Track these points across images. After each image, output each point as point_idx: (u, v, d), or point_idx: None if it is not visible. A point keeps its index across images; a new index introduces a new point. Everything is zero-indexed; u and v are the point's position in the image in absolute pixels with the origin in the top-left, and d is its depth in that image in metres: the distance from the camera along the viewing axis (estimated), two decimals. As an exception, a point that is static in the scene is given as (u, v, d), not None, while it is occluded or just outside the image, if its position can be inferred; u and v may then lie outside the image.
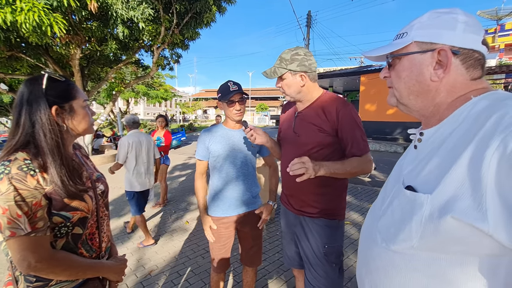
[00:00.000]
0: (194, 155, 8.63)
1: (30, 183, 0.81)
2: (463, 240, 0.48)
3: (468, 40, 0.57)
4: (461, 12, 0.59)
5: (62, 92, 0.92)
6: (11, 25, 4.97)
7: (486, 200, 0.44)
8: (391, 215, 0.61)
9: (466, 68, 0.58)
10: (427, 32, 0.60)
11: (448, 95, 0.59)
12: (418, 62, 0.61)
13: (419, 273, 0.54)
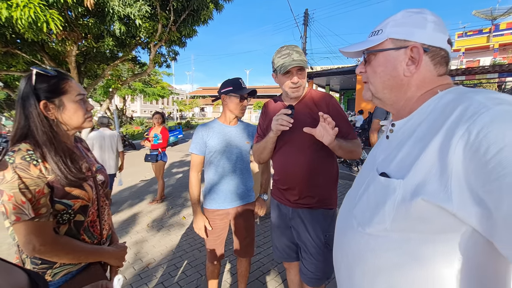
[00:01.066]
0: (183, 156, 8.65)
1: (33, 172, 0.86)
2: (431, 220, 0.53)
3: (437, 38, 0.62)
4: (430, 13, 0.64)
5: (51, 87, 0.94)
6: (7, 21, 4.95)
7: (451, 183, 0.49)
8: (366, 201, 0.66)
9: (434, 65, 0.63)
10: (401, 29, 0.64)
11: (418, 89, 0.64)
12: (392, 58, 0.65)
13: (392, 253, 0.59)
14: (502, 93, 0.53)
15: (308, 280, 1.39)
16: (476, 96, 0.52)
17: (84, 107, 1.03)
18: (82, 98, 1.03)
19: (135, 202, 4.53)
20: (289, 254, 1.53)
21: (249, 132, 1.81)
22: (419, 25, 0.62)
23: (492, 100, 0.49)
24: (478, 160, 0.45)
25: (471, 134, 0.47)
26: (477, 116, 0.47)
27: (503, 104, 0.48)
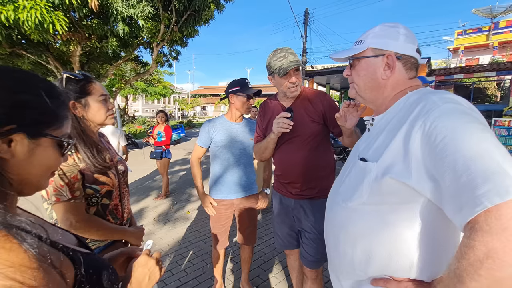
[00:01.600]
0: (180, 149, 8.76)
1: (69, 161, 1.00)
2: (397, 193, 0.66)
3: (407, 48, 0.75)
4: (402, 27, 0.77)
5: (78, 89, 1.08)
6: (13, 23, 5.08)
7: (411, 164, 0.62)
8: (348, 181, 0.81)
9: (405, 70, 0.77)
10: (379, 40, 0.77)
11: (393, 90, 0.78)
12: (372, 64, 0.78)
13: (367, 221, 0.73)
14: (452, 94, 0.67)
15: (308, 262, 1.51)
16: (432, 96, 0.66)
17: (106, 106, 1.17)
18: (105, 98, 1.17)
19: (141, 198, 4.68)
20: (290, 242, 1.65)
21: (252, 129, 1.94)
22: (393, 37, 0.76)
23: (443, 99, 0.63)
24: (430, 145, 0.58)
25: (425, 126, 0.60)
26: (431, 112, 0.61)
27: (449, 102, 0.62)
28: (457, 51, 18.78)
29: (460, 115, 0.59)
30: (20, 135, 0.43)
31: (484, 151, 0.51)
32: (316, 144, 1.45)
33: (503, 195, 0.46)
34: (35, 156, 0.46)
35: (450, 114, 0.59)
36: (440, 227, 0.65)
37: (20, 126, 0.44)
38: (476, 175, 0.49)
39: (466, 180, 0.50)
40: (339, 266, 0.84)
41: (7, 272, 0.34)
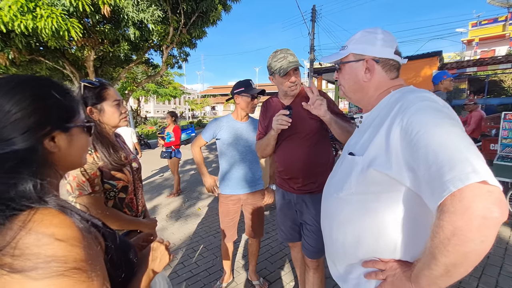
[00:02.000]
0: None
1: (89, 159, 1.13)
2: (380, 183, 0.74)
3: (384, 52, 0.82)
4: (380, 32, 0.84)
5: (95, 96, 1.20)
6: (32, 31, 5.35)
7: (392, 156, 0.69)
8: (339, 174, 0.89)
9: (385, 72, 0.84)
10: (358, 46, 0.85)
11: (376, 90, 0.85)
12: (354, 68, 0.86)
13: (355, 209, 0.80)
14: (429, 93, 0.73)
15: (309, 253, 1.59)
16: (410, 95, 0.73)
17: (119, 110, 1.28)
18: (118, 102, 1.28)
19: (155, 195, 4.87)
20: (293, 234, 1.72)
21: (256, 127, 2.03)
22: (371, 42, 0.83)
23: (419, 97, 0.70)
24: (407, 139, 0.65)
25: (403, 122, 0.67)
26: (407, 109, 0.68)
27: (424, 100, 0.69)
28: (471, 43, 18.15)
29: (432, 111, 0.65)
30: (57, 132, 0.55)
31: (450, 142, 0.58)
32: (315, 140, 1.52)
33: (464, 180, 0.53)
34: (73, 143, 0.59)
35: (424, 111, 0.66)
36: (419, 212, 0.71)
37: (55, 125, 0.55)
38: (443, 164, 0.56)
39: (435, 169, 0.57)
40: (333, 251, 0.92)
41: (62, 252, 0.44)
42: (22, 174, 0.48)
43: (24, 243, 0.41)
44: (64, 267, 0.43)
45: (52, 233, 0.44)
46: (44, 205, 0.47)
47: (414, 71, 9.83)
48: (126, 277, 0.67)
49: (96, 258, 0.52)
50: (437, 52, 9.01)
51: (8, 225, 0.43)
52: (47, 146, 0.53)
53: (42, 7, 5.15)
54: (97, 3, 5.75)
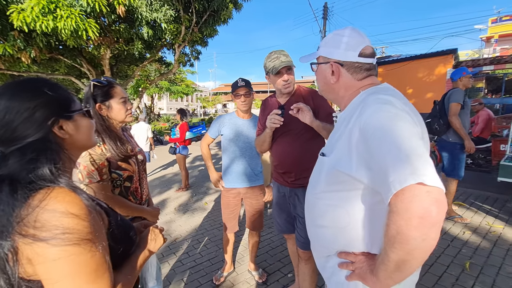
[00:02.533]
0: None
1: (97, 151, 1.25)
2: (344, 182, 0.77)
3: (347, 55, 0.84)
4: (348, 33, 0.84)
5: (103, 94, 1.32)
6: (52, 31, 5.63)
7: (353, 157, 0.72)
8: (314, 173, 0.95)
9: (351, 74, 0.86)
10: (326, 49, 0.88)
11: (346, 91, 0.88)
12: (323, 70, 0.89)
13: (326, 206, 0.86)
14: (386, 95, 0.74)
15: (301, 244, 1.67)
16: (369, 97, 0.77)
17: (125, 107, 1.40)
18: (124, 100, 1.40)
19: (164, 190, 5.06)
20: (288, 227, 1.81)
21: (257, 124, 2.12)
22: (336, 45, 0.85)
23: (376, 100, 0.73)
24: (364, 141, 0.70)
25: (361, 123, 0.72)
26: (364, 112, 0.73)
27: (379, 103, 0.71)
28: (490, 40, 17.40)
29: (385, 114, 0.68)
30: (62, 121, 0.65)
31: (396, 145, 0.62)
32: (309, 137, 1.59)
33: (402, 182, 0.57)
34: (79, 128, 0.70)
35: (377, 114, 0.69)
36: (381, 208, 0.74)
37: (58, 115, 0.65)
38: (389, 165, 0.61)
39: (384, 170, 0.62)
40: (313, 244, 0.99)
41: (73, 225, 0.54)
42: (40, 161, 0.58)
43: (43, 217, 0.52)
44: (75, 237, 0.53)
45: (65, 208, 0.54)
46: (58, 185, 0.58)
47: (427, 69, 9.60)
48: (125, 252, 0.78)
49: (100, 231, 0.62)
50: (452, 50, 8.76)
51: (29, 202, 0.53)
52: (58, 134, 0.64)
53: (62, 8, 5.41)
54: (112, 4, 5.97)
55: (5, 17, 5.52)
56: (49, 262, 0.52)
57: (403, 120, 0.67)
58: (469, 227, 3.00)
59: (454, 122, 2.93)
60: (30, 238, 0.51)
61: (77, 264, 0.53)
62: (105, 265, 0.59)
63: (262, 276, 2.26)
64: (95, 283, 0.56)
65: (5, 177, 0.55)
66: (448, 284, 2.11)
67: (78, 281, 0.53)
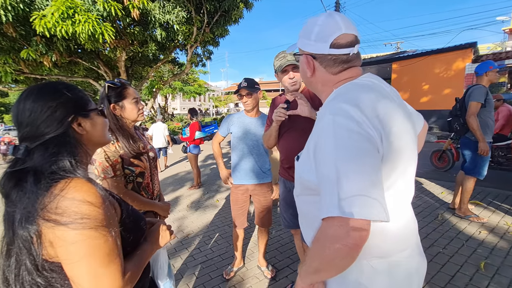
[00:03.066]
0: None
1: (112, 148, 1.32)
2: (312, 187, 0.74)
3: (318, 47, 0.75)
4: (320, 22, 0.75)
5: (117, 94, 1.40)
6: (71, 35, 5.89)
7: (312, 165, 0.69)
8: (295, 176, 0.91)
9: (324, 67, 0.76)
10: (301, 41, 0.79)
11: (323, 86, 0.80)
12: (302, 62, 0.82)
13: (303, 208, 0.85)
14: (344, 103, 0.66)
15: None
16: (330, 103, 0.72)
17: (137, 107, 1.47)
18: (136, 100, 1.47)
19: (177, 187, 5.19)
20: (294, 222, 1.81)
21: (265, 122, 2.16)
22: (307, 36, 0.77)
23: (331, 108, 0.67)
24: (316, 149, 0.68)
25: (315, 135, 0.70)
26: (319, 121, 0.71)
27: (332, 114, 0.65)
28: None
29: (333, 130, 0.63)
30: (80, 118, 0.72)
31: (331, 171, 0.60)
32: None
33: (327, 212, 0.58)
34: (95, 125, 0.76)
35: (326, 129, 0.65)
36: None
37: (77, 113, 0.71)
38: (322, 191, 0.62)
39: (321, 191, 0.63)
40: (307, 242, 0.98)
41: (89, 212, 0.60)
42: (61, 154, 0.65)
43: (63, 204, 0.58)
44: (91, 222, 0.59)
45: (82, 197, 0.60)
46: (77, 176, 0.64)
47: (445, 64, 9.27)
48: (135, 240, 0.83)
49: (113, 218, 0.68)
50: (471, 43, 8.41)
51: (51, 191, 0.59)
52: (77, 130, 0.71)
53: (80, 13, 5.65)
54: (127, 7, 6.17)
55: (29, 24, 5.84)
56: (68, 244, 0.58)
57: (348, 137, 0.61)
58: (486, 227, 2.91)
59: (471, 122, 2.82)
60: (52, 222, 0.57)
61: (92, 247, 0.59)
62: (117, 251, 0.64)
63: (271, 271, 2.29)
64: (108, 267, 0.61)
65: (30, 169, 0.62)
66: (462, 284, 2.06)
67: (93, 263, 0.59)
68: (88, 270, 0.59)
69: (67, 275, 0.60)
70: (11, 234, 0.60)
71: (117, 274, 0.62)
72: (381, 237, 0.68)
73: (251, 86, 2.02)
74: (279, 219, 3.36)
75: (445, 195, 3.94)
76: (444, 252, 2.48)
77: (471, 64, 8.30)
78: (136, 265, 0.74)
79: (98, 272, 0.59)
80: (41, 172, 0.61)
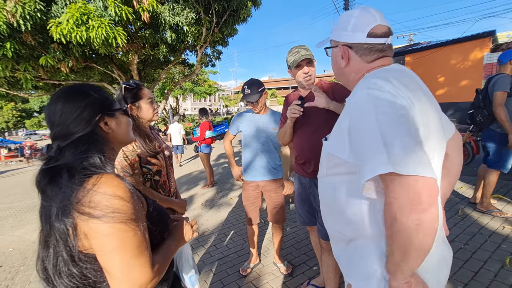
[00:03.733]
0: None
1: (129, 148, 1.36)
2: (340, 165, 0.78)
3: (355, 37, 0.80)
4: (356, 13, 0.81)
5: (133, 95, 1.43)
6: (86, 41, 6.07)
7: (345, 141, 0.73)
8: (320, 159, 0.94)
9: (359, 56, 0.82)
10: (335, 33, 0.85)
11: (356, 74, 0.85)
12: (335, 54, 0.87)
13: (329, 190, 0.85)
14: (379, 79, 0.70)
15: (322, 235, 1.67)
16: (362, 80, 0.76)
17: (152, 106, 1.51)
18: (151, 100, 1.51)
19: (191, 186, 5.26)
20: (309, 218, 1.81)
21: (275, 119, 2.17)
22: (344, 28, 0.83)
23: (364, 83, 0.72)
24: (351, 126, 0.71)
25: (348, 108, 0.73)
26: (352, 97, 0.74)
27: (368, 88, 0.69)
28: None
29: (371, 100, 0.67)
30: (107, 118, 0.75)
31: (375, 133, 0.63)
32: (329, 128, 1.58)
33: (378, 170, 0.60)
34: (120, 124, 0.79)
35: (361, 99, 0.69)
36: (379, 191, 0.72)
37: (103, 113, 0.75)
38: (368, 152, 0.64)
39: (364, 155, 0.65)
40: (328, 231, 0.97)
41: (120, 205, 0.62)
42: (91, 151, 0.69)
43: (96, 199, 0.61)
44: (122, 216, 0.62)
45: (113, 191, 0.63)
46: (106, 171, 0.67)
47: (462, 54, 8.92)
48: (161, 233, 0.85)
49: (141, 212, 0.71)
50: (489, 32, 8.06)
51: (84, 186, 0.62)
52: (104, 128, 0.74)
53: (93, 19, 5.80)
54: (138, 11, 6.29)
55: (46, 32, 6.05)
56: (101, 236, 0.60)
57: (388, 105, 0.64)
58: (510, 222, 2.79)
59: (499, 113, 2.66)
60: (86, 215, 0.59)
61: (123, 240, 0.61)
62: (145, 244, 0.67)
63: (287, 268, 2.29)
64: (138, 258, 0.63)
65: (63, 165, 0.65)
66: (486, 280, 1.99)
67: (124, 255, 0.62)
68: (121, 261, 0.61)
69: (101, 266, 0.63)
70: (48, 227, 0.63)
71: (147, 265, 0.64)
72: None
73: (255, 92, 2.02)
74: (293, 216, 3.37)
75: (465, 190, 3.81)
76: (466, 248, 2.40)
77: (489, 53, 7.95)
78: (163, 258, 0.76)
79: (130, 263, 0.62)
80: (73, 168, 0.65)
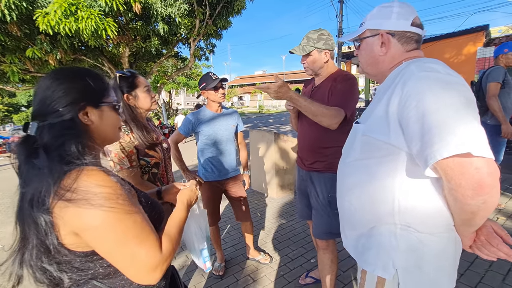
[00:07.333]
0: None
1: (126, 139, 1.31)
2: (380, 148, 0.78)
3: (400, 24, 0.83)
4: (397, 5, 0.85)
5: (128, 84, 1.37)
6: (75, 33, 5.87)
7: (390, 124, 0.74)
8: (347, 141, 0.95)
9: (401, 44, 0.85)
10: (374, 22, 0.87)
11: (390, 63, 0.87)
12: (370, 43, 0.89)
13: (358, 174, 0.86)
14: (432, 61, 0.72)
15: (316, 233, 1.64)
16: (412, 65, 0.74)
17: (150, 95, 1.45)
18: (148, 88, 1.45)
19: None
20: (308, 213, 1.78)
21: (233, 117, 2.14)
22: (386, 16, 0.85)
23: (419, 67, 0.71)
24: (404, 110, 0.69)
25: (402, 92, 0.71)
26: (407, 80, 0.71)
27: (424, 71, 0.69)
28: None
29: (429, 82, 0.67)
30: (89, 108, 0.69)
31: (441, 114, 0.62)
32: None
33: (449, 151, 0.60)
34: (104, 119, 0.72)
35: (419, 82, 0.68)
36: (417, 174, 0.73)
37: (87, 102, 0.68)
38: (434, 134, 0.63)
39: (427, 138, 0.64)
40: (343, 217, 0.98)
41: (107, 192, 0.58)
42: (67, 138, 0.63)
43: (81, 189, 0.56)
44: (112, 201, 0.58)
45: (96, 182, 0.58)
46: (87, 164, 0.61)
47: (455, 48, 8.99)
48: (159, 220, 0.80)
49: (134, 200, 0.67)
50: (483, 26, 8.13)
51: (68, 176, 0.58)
52: (81, 118, 0.67)
53: (82, 9, 5.60)
54: (129, 2, 6.11)
55: (32, 22, 5.82)
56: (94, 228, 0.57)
57: (450, 87, 0.65)
58: (504, 213, 2.85)
59: (492, 104, 2.71)
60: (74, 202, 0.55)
61: (122, 231, 0.58)
62: (148, 228, 0.63)
63: (266, 257, 2.32)
64: (142, 244, 0.60)
65: (41, 145, 0.61)
66: (482, 270, 2.03)
67: (128, 245, 0.59)
68: (124, 253, 0.59)
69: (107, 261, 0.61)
70: (26, 216, 0.59)
71: (154, 249, 0.62)
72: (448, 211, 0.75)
73: (223, 78, 2.00)
74: (290, 209, 3.36)
75: (459, 182, 3.87)
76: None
77: (483, 48, 8.03)
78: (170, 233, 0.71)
79: (135, 251, 0.59)
80: (51, 151, 0.60)
